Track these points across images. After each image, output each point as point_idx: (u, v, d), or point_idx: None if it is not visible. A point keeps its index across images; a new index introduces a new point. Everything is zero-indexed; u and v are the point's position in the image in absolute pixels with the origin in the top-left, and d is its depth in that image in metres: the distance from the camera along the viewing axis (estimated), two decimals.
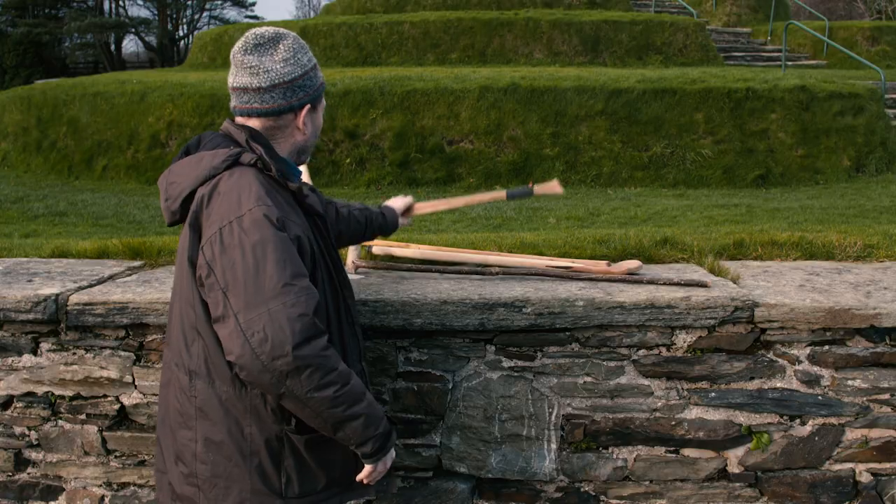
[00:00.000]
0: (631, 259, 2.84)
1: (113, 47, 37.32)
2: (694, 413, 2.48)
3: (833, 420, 2.47)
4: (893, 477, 2.51)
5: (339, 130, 10.22)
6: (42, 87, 13.97)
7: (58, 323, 2.53)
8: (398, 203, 2.67)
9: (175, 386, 1.94)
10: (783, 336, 2.42)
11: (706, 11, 18.98)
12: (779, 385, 2.46)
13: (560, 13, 15.92)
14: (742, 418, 2.48)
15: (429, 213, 2.78)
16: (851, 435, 2.48)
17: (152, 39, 39.52)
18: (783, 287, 2.55)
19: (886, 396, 2.44)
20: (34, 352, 2.58)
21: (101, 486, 2.66)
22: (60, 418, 2.62)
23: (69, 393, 2.59)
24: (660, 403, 2.48)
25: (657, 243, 3.05)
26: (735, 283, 2.59)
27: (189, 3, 40.13)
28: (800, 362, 2.45)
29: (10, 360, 2.59)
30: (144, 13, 40.33)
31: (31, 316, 2.49)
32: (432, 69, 12.91)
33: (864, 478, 2.51)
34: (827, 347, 2.43)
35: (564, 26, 15.22)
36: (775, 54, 15.81)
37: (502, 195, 2.71)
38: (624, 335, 2.44)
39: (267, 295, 1.67)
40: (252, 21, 36.70)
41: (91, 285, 2.63)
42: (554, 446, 2.52)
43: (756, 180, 9.58)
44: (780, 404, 2.46)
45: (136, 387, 2.57)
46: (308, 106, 1.97)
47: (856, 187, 9.19)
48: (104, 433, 2.61)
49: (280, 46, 1.94)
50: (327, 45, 15.90)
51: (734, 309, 2.38)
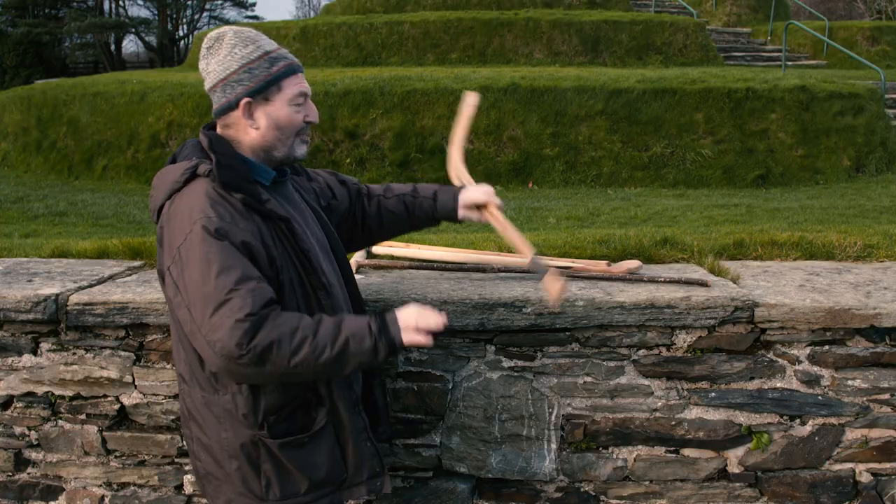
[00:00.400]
0: (631, 259, 2.84)
1: (113, 47, 37.33)
2: (694, 413, 2.48)
3: (833, 420, 2.47)
4: (893, 477, 2.51)
5: (339, 130, 10.22)
6: (42, 87, 13.97)
7: (58, 323, 2.53)
8: (470, 194, 2.24)
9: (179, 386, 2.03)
10: (783, 336, 2.42)
11: (706, 11, 18.98)
12: (779, 385, 2.46)
13: (560, 13, 15.92)
14: (742, 418, 2.48)
15: (496, 229, 2.25)
16: (851, 435, 2.48)
17: (152, 39, 39.52)
18: (783, 287, 2.55)
19: (886, 396, 2.44)
20: (34, 352, 2.58)
21: (101, 486, 2.66)
22: (60, 418, 2.62)
23: (69, 393, 2.59)
24: (660, 403, 2.48)
25: (657, 243, 3.05)
26: (735, 283, 2.59)
27: (189, 3, 40.13)
28: (800, 362, 2.45)
29: (10, 360, 2.59)
30: (144, 13, 40.37)
31: (31, 316, 2.49)
32: (432, 69, 12.91)
33: (864, 478, 2.51)
34: (827, 347, 2.43)
35: (564, 26, 15.22)
36: (775, 54, 15.81)
37: (528, 257, 2.19)
38: (624, 335, 2.44)
39: (217, 305, 1.73)
40: (252, 21, 36.69)
41: (91, 285, 2.63)
42: (554, 446, 2.52)
43: (756, 180, 9.57)
44: (780, 404, 2.46)
45: (136, 387, 2.57)
46: (246, 100, 1.87)
47: (856, 187, 9.19)
48: (104, 433, 2.61)
49: (222, 44, 1.90)
50: (327, 45, 15.90)
51: (734, 309, 2.38)
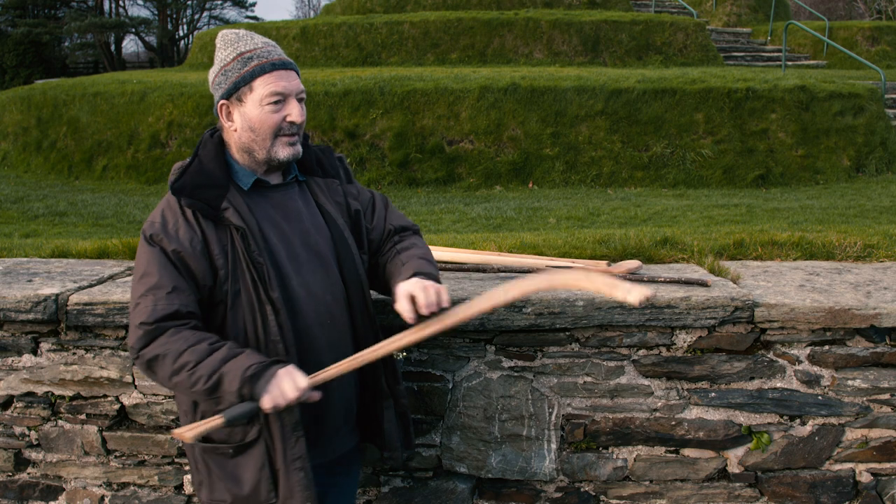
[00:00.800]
0: (631, 259, 2.84)
1: (113, 47, 37.32)
2: (694, 413, 2.48)
3: (833, 420, 2.47)
4: (893, 477, 2.50)
5: (339, 130, 10.22)
6: (42, 87, 13.96)
7: (58, 323, 2.53)
8: (406, 287, 1.94)
9: None
10: (783, 336, 2.42)
11: (706, 11, 18.98)
12: (779, 385, 2.46)
13: (560, 13, 15.92)
14: (742, 418, 2.48)
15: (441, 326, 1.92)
16: (851, 435, 2.48)
17: (152, 39, 39.52)
18: (783, 287, 2.55)
19: (886, 396, 2.44)
20: (34, 352, 2.58)
21: (101, 486, 2.66)
22: (60, 418, 2.62)
23: (69, 393, 2.59)
24: (660, 403, 2.48)
25: (657, 243, 3.05)
26: (735, 283, 2.59)
27: (189, 3, 40.13)
28: (800, 362, 2.45)
29: (10, 360, 2.59)
30: (144, 13, 40.35)
31: (31, 316, 2.49)
32: (432, 69, 12.91)
33: (864, 478, 2.51)
34: (827, 347, 2.43)
35: (564, 26, 15.22)
36: (775, 54, 15.81)
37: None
38: (624, 335, 2.44)
39: (133, 307, 1.88)
40: (252, 21, 36.69)
41: (91, 285, 2.63)
42: (554, 446, 2.52)
43: (756, 180, 9.57)
44: (780, 404, 2.46)
45: (136, 387, 2.57)
46: (222, 102, 1.92)
47: (856, 187, 9.18)
48: (104, 433, 2.61)
49: (216, 48, 1.99)
50: (327, 45, 15.90)
51: (734, 309, 2.38)
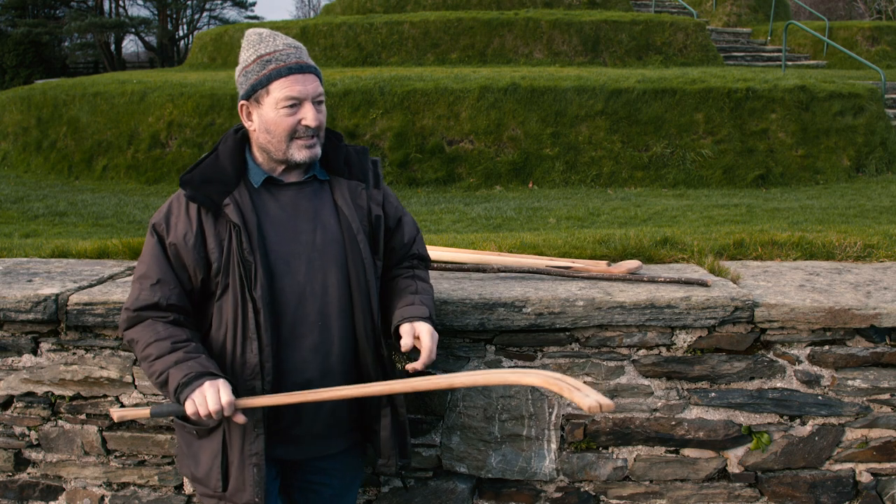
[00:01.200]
0: (631, 259, 2.84)
1: (113, 47, 37.30)
2: (694, 413, 2.48)
3: (833, 420, 2.47)
4: (893, 477, 2.50)
5: (339, 130, 10.22)
6: (42, 87, 13.96)
7: (58, 323, 2.53)
8: (412, 329, 2.03)
9: None
10: (783, 336, 2.42)
11: (706, 11, 18.98)
12: (779, 385, 2.46)
13: (560, 13, 15.91)
14: (742, 418, 2.48)
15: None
16: (851, 435, 2.48)
17: (152, 39, 39.50)
18: (783, 287, 2.55)
19: (886, 396, 2.44)
20: (34, 352, 2.58)
21: (101, 486, 2.66)
22: (60, 418, 2.62)
23: (69, 393, 2.59)
24: (660, 403, 2.48)
25: (657, 243, 3.05)
26: (735, 283, 2.59)
27: (189, 3, 40.12)
28: (800, 362, 2.45)
29: (10, 360, 2.59)
30: (144, 13, 40.32)
31: (31, 316, 2.49)
32: (432, 69, 12.91)
33: (864, 478, 2.51)
34: (827, 347, 2.43)
35: (564, 26, 15.22)
36: (775, 54, 15.81)
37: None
38: (624, 335, 2.44)
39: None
40: (252, 21, 36.69)
41: (91, 285, 2.63)
42: (554, 446, 2.52)
43: (756, 180, 9.57)
44: (780, 404, 2.46)
45: (136, 387, 2.57)
46: (242, 102, 2.00)
47: (856, 187, 9.18)
48: (104, 433, 2.61)
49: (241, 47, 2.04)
50: (327, 45, 15.90)
51: (734, 309, 2.38)
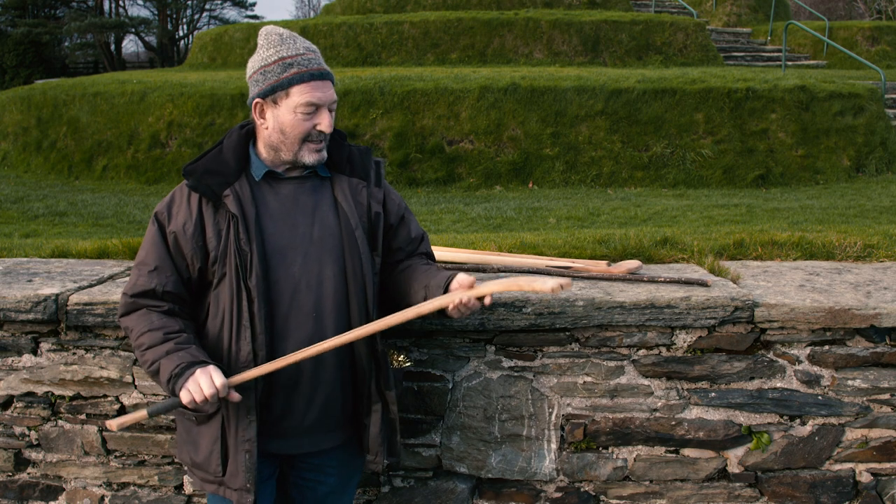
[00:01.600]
0: (631, 259, 2.84)
1: (113, 47, 37.29)
2: (694, 413, 2.48)
3: (833, 420, 2.47)
4: (893, 477, 2.50)
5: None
6: (42, 87, 13.95)
7: (58, 323, 2.53)
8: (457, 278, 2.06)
9: None
10: (783, 336, 2.42)
11: (706, 11, 18.98)
12: (779, 385, 2.46)
13: (560, 13, 15.91)
14: (742, 418, 2.48)
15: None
16: (851, 435, 2.48)
17: (152, 39, 39.50)
18: (783, 287, 2.55)
19: (886, 396, 2.44)
20: (34, 352, 2.58)
21: (101, 486, 2.66)
22: (60, 418, 2.62)
23: (69, 393, 2.59)
24: (660, 403, 2.48)
25: (657, 243, 3.05)
26: (735, 283, 2.59)
27: (189, 3, 40.11)
28: (800, 362, 2.45)
29: (10, 360, 2.59)
30: (144, 13, 40.32)
31: (31, 316, 2.49)
32: (432, 69, 12.90)
33: (864, 478, 2.51)
34: (827, 347, 2.43)
35: (564, 26, 15.22)
36: (775, 54, 15.81)
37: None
38: (624, 335, 2.44)
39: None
40: (252, 21, 36.69)
41: (91, 285, 2.63)
42: (554, 446, 2.52)
43: (756, 180, 9.57)
44: (780, 404, 2.46)
45: (136, 387, 2.57)
46: (257, 100, 2.02)
47: (856, 187, 9.18)
48: (104, 433, 2.61)
49: (258, 43, 2.06)
50: (327, 45, 15.89)
51: (734, 309, 2.38)
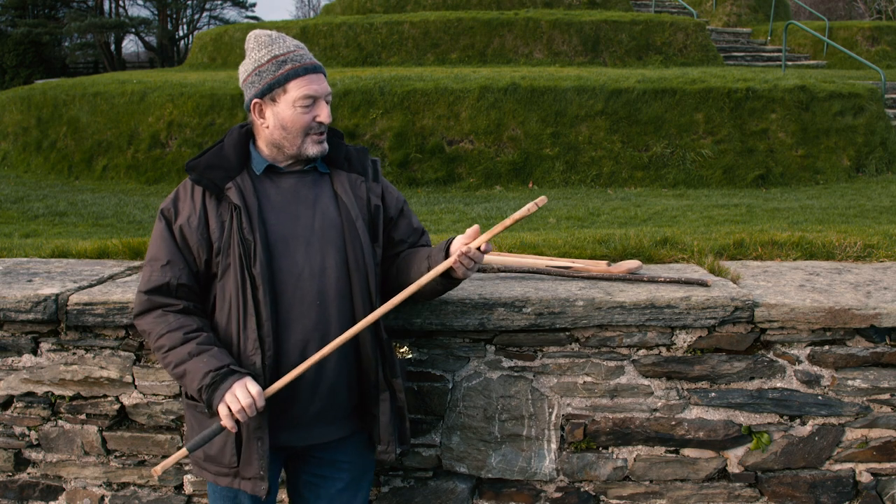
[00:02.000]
0: (631, 259, 2.84)
1: (113, 47, 37.29)
2: (694, 413, 2.48)
3: (833, 420, 2.47)
4: (893, 477, 2.50)
5: (339, 130, 10.22)
6: (42, 87, 13.95)
7: (58, 323, 2.53)
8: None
9: None
10: (783, 336, 2.42)
11: (706, 11, 18.98)
12: (779, 385, 2.46)
13: (560, 13, 15.91)
14: (742, 418, 2.48)
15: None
16: (851, 435, 2.48)
17: (152, 39, 39.49)
18: (783, 287, 2.55)
19: (886, 396, 2.44)
20: (34, 352, 2.58)
21: (101, 486, 2.66)
22: (60, 418, 2.62)
23: (69, 393, 2.59)
24: (660, 403, 2.48)
25: (657, 243, 3.05)
26: (735, 283, 2.59)
27: (189, 3, 40.11)
28: (800, 362, 2.45)
29: (10, 360, 2.59)
30: (144, 13, 40.31)
31: (31, 316, 2.49)
32: (432, 69, 12.91)
33: (864, 478, 2.51)
34: (827, 347, 2.43)
35: (564, 26, 15.22)
36: (775, 54, 15.81)
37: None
38: (624, 335, 2.44)
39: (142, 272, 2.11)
40: (252, 21, 36.69)
41: (91, 285, 2.63)
42: (554, 446, 2.52)
43: (756, 180, 9.57)
44: (780, 404, 2.46)
45: (136, 387, 2.57)
46: (256, 101, 2.05)
47: (856, 187, 9.18)
48: (104, 433, 2.61)
49: (247, 47, 2.10)
50: (327, 45, 15.90)
51: (734, 309, 2.38)
